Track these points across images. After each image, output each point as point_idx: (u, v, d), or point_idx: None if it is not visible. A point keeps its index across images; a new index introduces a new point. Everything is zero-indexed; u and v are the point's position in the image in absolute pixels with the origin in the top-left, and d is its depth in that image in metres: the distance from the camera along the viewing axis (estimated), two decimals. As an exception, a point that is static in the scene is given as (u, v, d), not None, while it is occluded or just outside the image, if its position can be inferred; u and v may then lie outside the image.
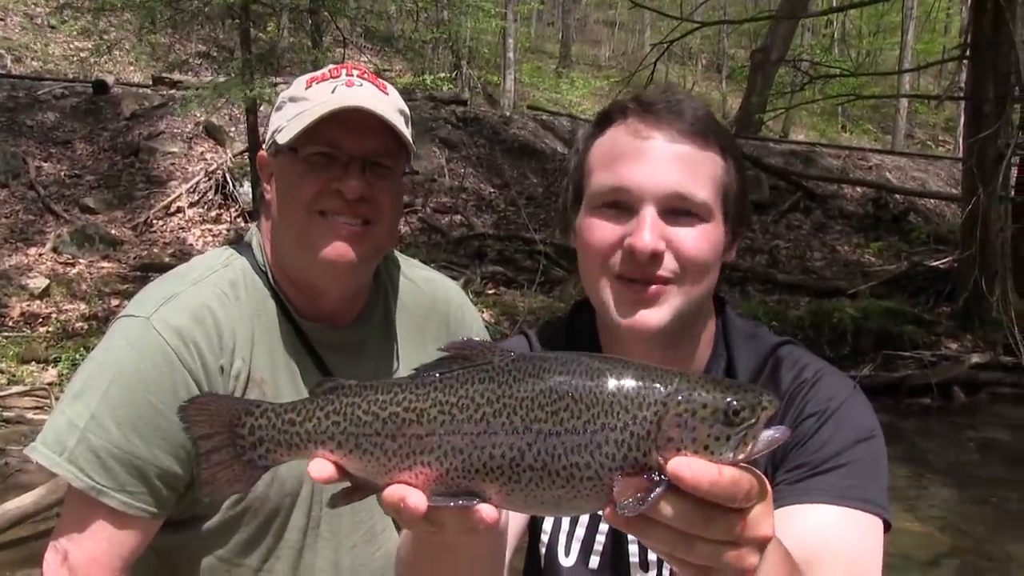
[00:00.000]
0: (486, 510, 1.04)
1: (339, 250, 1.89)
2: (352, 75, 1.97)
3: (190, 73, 16.24)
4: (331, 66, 2.03)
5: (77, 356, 9.94)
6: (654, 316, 1.53)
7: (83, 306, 11.33)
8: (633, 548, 1.67)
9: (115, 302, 11.47)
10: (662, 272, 1.52)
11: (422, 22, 17.90)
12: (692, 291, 1.56)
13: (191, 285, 1.94)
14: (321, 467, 1.10)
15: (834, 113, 34.21)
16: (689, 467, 0.96)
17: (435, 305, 2.31)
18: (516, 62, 29.47)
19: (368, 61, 18.29)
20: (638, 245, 1.50)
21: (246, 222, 14.48)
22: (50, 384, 9.58)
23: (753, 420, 1.00)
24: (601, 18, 46.51)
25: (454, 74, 26.40)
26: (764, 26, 21.06)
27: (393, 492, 1.06)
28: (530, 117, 20.82)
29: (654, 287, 1.53)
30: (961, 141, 29.79)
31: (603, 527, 1.70)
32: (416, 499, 1.04)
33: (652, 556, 1.66)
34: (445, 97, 20.10)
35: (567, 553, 1.72)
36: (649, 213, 1.51)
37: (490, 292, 13.17)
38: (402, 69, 25.35)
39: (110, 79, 17.61)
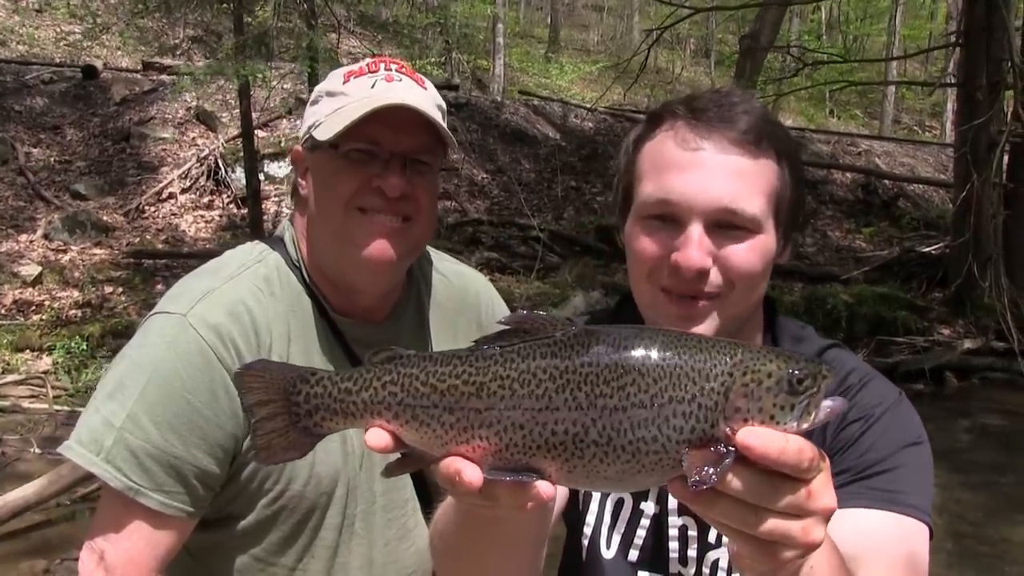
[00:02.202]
0: (543, 487, 1.03)
1: (379, 248, 1.87)
2: (391, 69, 1.94)
3: (181, 58, 16.11)
4: (367, 60, 2.00)
5: (72, 344, 9.90)
6: (699, 330, 1.51)
7: (76, 293, 11.27)
8: (673, 544, 1.66)
9: (108, 289, 11.42)
10: (708, 288, 1.50)
11: (416, 7, 17.76)
12: (740, 303, 1.54)
13: (226, 281, 1.91)
14: (378, 436, 1.08)
15: (822, 99, 34.21)
16: (757, 436, 0.97)
17: (466, 299, 2.29)
18: (505, 47, 29.34)
19: (358, 46, 18.18)
20: (683, 263, 1.47)
21: (238, 208, 14.43)
22: (45, 372, 9.55)
23: (815, 389, 1.01)
24: (589, 3, 46.29)
25: (443, 59, 26.25)
26: (752, 12, 20.99)
27: (449, 465, 1.04)
28: (522, 103, 20.75)
29: (701, 303, 1.51)
30: (948, 126, 29.96)
31: (644, 522, 1.69)
32: (472, 474, 1.02)
33: (692, 552, 1.65)
34: (437, 82, 19.90)
35: (608, 546, 1.71)
36: (696, 229, 1.48)
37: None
38: (391, 55, 25.21)
39: (99, 64, 17.48)
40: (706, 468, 0.97)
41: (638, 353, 1.03)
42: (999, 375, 11.91)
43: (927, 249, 15.03)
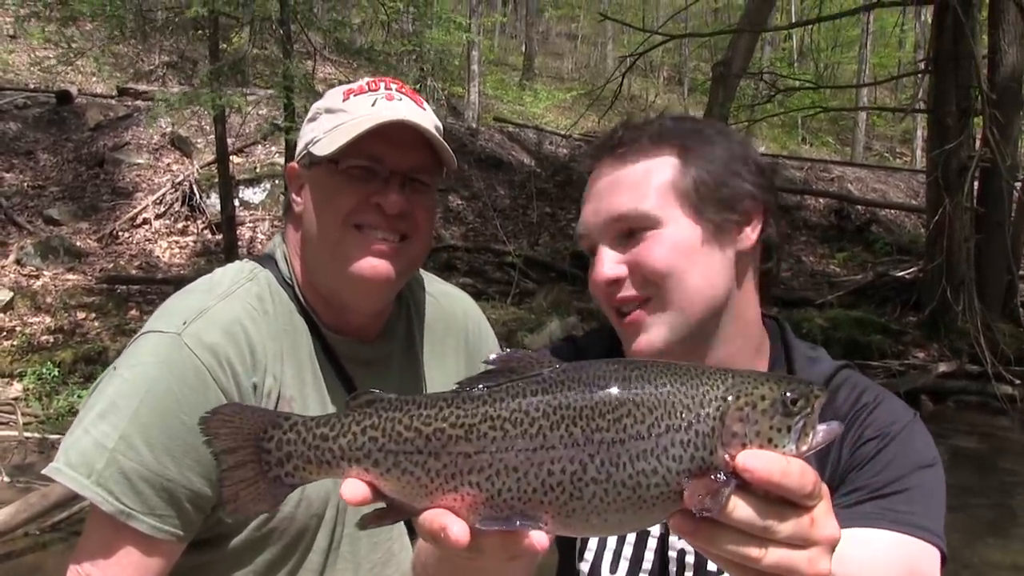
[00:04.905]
0: (537, 537, 0.98)
1: (375, 266, 1.85)
2: (391, 88, 1.94)
3: (156, 83, 16.05)
4: (367, 79, 1.99)
5: (44, 370, 9.76)
6: (646, 340, 1.54)
7: (48, 319, 11.12)
8: (673, 568, 1.64)
9: (81, 315, 11.28)
10: (627, 293, 1.55)
11: (392, 34, 17.83)
12: (677, 299, 1.53)
13: (220, 300, 1.88)
14: (354, 488, 1.02)
15: (794, 126, 34.58)
16: (758, 458, 0.95)
17: (453, 319, 2.28)
18: (480, 74, 29.46)
19: (334, 72, 18.18)
20: (597, 280, 1.57)
21: (213, 234, 14.35)
22: (15, 399, 9.39)
23: (809, 409, 1.00)
24: (563, 31, 46.66)
25: (418, 86, 26.30)
26: (725, 39, 21.26)
27: (433, 518, 0.99)
28: (497, 129, 20.85)
29: (634, 314, 1.55)
30: (919, 153, 30.33)
31: (651, 544, 1.67)
32: (459, 531, 0.97)
33: None
34: (412, 109, 19.97)
35: (613, 571, 1.68)
36: (602, 248, 1.57)
37: (461, 304, 13.12)
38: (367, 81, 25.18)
39: (73, 89, 17.38)
40: (708, 496, 0.95)
41: (631, 384, 1.00)
42: (973, 398, 12.01)
43: (901, 273, 15.20)
